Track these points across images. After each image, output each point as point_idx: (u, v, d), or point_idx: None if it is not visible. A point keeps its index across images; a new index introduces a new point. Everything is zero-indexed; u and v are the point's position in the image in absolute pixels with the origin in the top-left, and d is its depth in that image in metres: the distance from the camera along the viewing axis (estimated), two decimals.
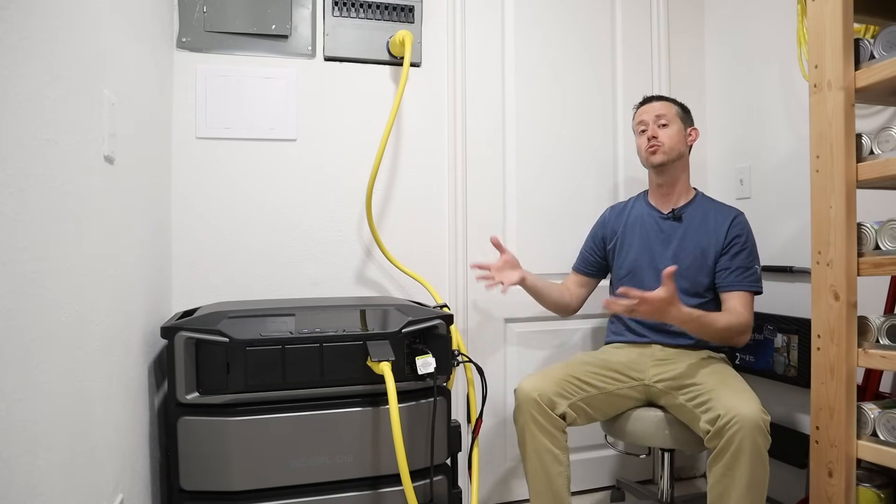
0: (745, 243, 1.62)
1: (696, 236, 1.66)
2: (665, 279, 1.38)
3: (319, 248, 1.85)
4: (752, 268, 1.61)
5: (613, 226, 1.81)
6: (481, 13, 2.02)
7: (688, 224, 1.68)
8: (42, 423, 0.77)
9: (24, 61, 0.72)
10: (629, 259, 1.73)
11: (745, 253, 1.61)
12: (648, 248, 1.71)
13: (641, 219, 1.75)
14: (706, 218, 1.67)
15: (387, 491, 1.37)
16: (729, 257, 1.61)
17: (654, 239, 1.71)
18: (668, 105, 1.72)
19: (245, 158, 1.79)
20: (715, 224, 1.65)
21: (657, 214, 1.73)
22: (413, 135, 1.95)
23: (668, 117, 1.69)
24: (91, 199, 0.97)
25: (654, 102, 1.74)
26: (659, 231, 1.71)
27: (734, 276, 1.59)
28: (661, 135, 1.68)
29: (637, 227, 1.75)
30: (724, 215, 1.66)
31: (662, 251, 1.68)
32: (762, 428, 1.27)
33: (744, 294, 1.58)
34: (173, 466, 1.28)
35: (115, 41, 1.11)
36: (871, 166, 1.22)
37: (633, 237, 1.75)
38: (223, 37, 1.76)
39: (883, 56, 1.21)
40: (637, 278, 1.71)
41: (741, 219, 1.66)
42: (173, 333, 1.27)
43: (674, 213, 1.70)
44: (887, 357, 1.19)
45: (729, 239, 1.62)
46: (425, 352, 1.36)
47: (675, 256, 1.65)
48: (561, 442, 1.46)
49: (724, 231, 1.63)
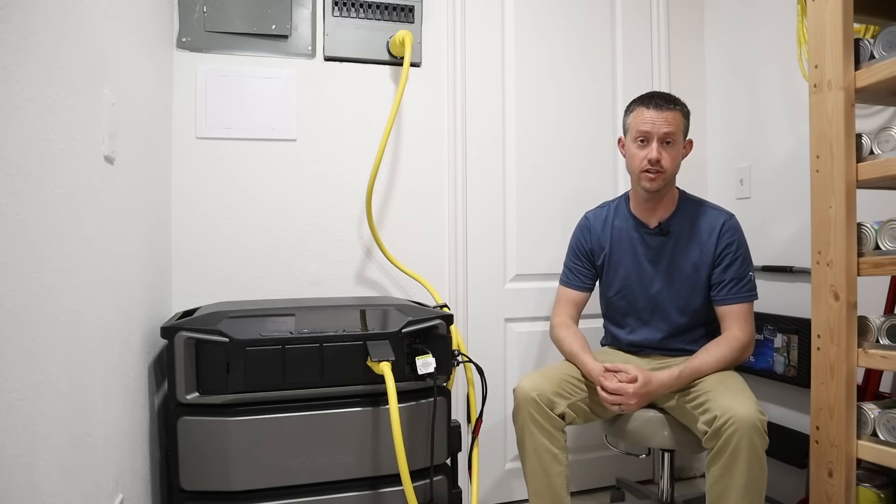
0: (738, 251, 1.55)
1: (686, 251, 1.58)
2: (629, 375, 1.43)
3: (319, 248, 1.85)
4: (746, 276, 1.54)
5: (600, 239, 1.69)
6: (481, 13, 2.02)
7: (676, 238, 1.59)
8: (42, 423, 0.77)
9: (24, 61, 0.72)
10: (618, 278, 1.66)
11: (738, 262, 1.54)
12: (638, 266, 1.63)
13: (628, 233, 1.65)
14: (694, 227, 1.58)
15: (387, 491, 1.37)
16: (722, 269, 1.55)
17: (643, 256, 1.62)
18: (678, 116, 1.53)
19: (245, 158, 1.79)
20: (705, 234, 1.57)
21: (643, 229, 1.63)
22: (413, 135, 1.95)
23: (676, 135, 1.52)
24: (91, 199, 0.97)
25: (665, 111, 1.51)
26: (647, 248, 1.62)
27: (729, 289, 1.54)
28: (664, 159, 1.51)
29: (624, 242, 1.65)
30: (712, 221, 1.57)
31: (654, 270, 1.61)
32: (759, 428, 1.27)
33: (741, 306, 1.53)
34: (173, 466, 1.28)
35: (115, 41, 1.11)
36: (871, 166, 1.22)
37: (621, 254, 1.65)
38: (223, 37, 1.76)
39: (883, 56, 1.21)
40: (628, 298, 1.65)
41: (731, 223, 1.57)
42: (173, 333, 1.27)
43: (661, 228, 1.60)
44: (887, 357, 1.19)
45: (720, 249, 1.55)
46: (425, 352, 1.36)
47: (666, 274, 1.60)
48: (560, 441, 1.46)
49: (714, 241, 1.55)
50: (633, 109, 1.58)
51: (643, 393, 1.43)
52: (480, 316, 2.01)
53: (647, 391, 1.43)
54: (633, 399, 1.42)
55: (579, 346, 1.58)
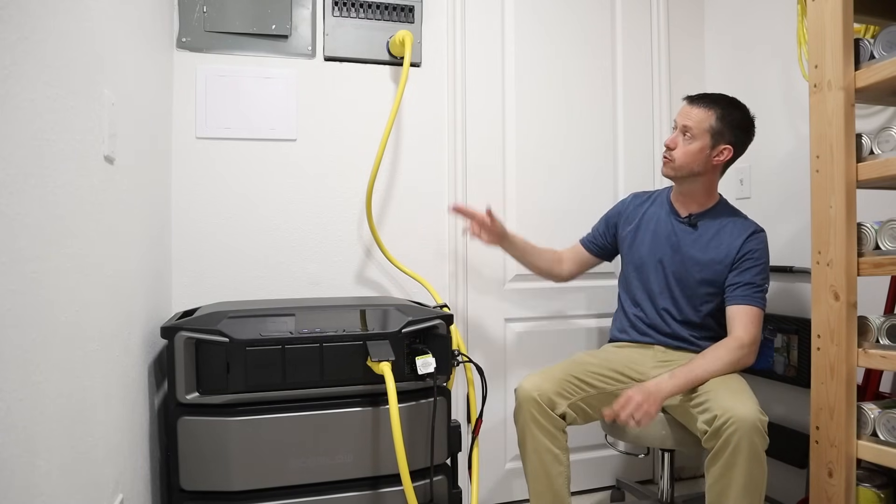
0: (759, 260, 1.54)
1: (707, 246, 1.59)
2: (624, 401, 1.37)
3: (319, 248, 1.85)
4: (763, 286, 1.53)
5: (630, 215, 1.75)
6: (481, 13, 2.02)
7: (701, 233, 1.62)
8: (42, 423, 0.77)
9: (24, 61, 0.72)
10: (639, 254, 1.70)
11: (757, 269, 1.53)
12: (659, 247, 1.67)
13: (658, 216, 1.70)
14: (721, 230, 1.60)
15: (387, 491, 1.37)
16: (739, 272, 1.54)
17: (666, 240, 1.66)
18: (708, 115, 1.56)
19: (245, 158, 1.79)
20: (729, 238, 1.58)
21: (675, 216, 1.67)
22: (413, 135, 1.95)
23: (696, 132, 1.56)
24: (91, 199, 0.97)
25: (695, 107, 1.58)
26: (672, 233, 1.65)
27: (741, 291, 1.53)
28: (677, 149, 1.59)
29: (653, 223, 1.70)
30: (741, 228, 1.58)
31: (672, 254, 1.64)
32: (759, 428, 1.27)
33: (749, 308, 1.50)
34: (173, 466, 1.28)
35: (115, 41, 1.11)
36: (871, 166, 1.22)
37: (647, 233, 1.70)
38: (223, 37, 1.76)
39: (883, 56, 1.21)
40: (643, 276, 1.69)
41: (760, 235, 1.57)
42: (173, 333, 1.27)
43: (690, 219, 1.64)
44: (887, 357, 1.19)
45: (742, 253, 1.54)
46: (425, 352, 1.36)
47: (682, 264, 1.62)
48: (561, 442, 1.46)
49: (739, 245, 1.55)
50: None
51: (646, 391, 1.37)
52: (480, 316, 2.01)
53: (648, 389, 1.37)
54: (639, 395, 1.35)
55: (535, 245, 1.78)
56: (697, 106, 1.59)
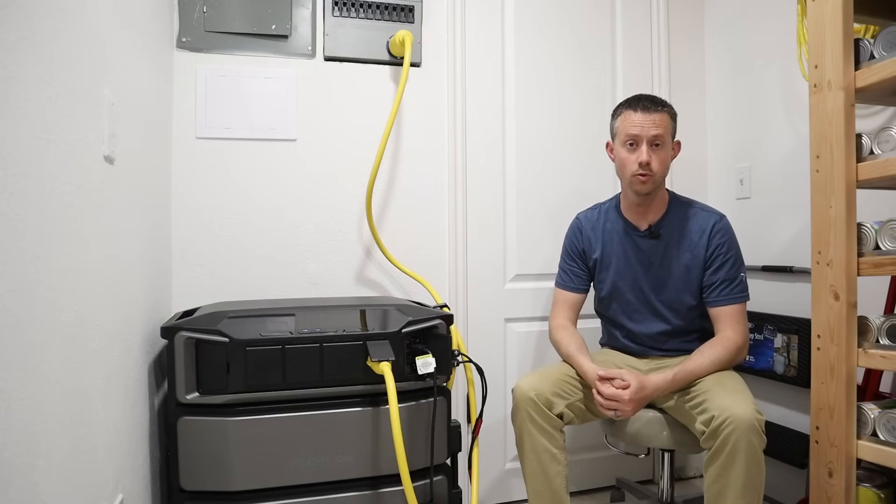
0: (728, 252, 1.54)
1: (677, 253, 1.58)
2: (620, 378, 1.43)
3: (319, 248, 1.85)
4: (738, 277, 1.54)
5: (591, 240, 1.69)
6: (481, 13, 2.02)
7: (667, 240, 1.59)
8: (42, 423, 0.77)
9: (23, 61, 0.72)
10: (609, 280, 1.66)
11: (730, 263, 1.54)
12: (630, 269, 1.62)
13: (619, 235, 1.65)
14: (685, 229, 1.58)
15: (387, 491, 1.37)
16: (713, 271, 1.54)
17: (634, 259, 1.62)
18: (666, 118, 1.53)
19: (245, 158, 1.79)
20: (695, 236, 1.56)
21: (634, 232, 1.62)
22: (413, 135, 1.95)
23: (664, 137, 1.52)
24: (91, 198, 0.97)
25: (653, 113, 1.51)
26: (638, 250, 1.62)
27: (720, 291, 1.53)
28: (654, 162, 1.51)
29: (615, 244, 1.65)
30: (702, 223, 1.57)
31: (645, 273, 1.61)
32: (757, 428, 1.27)
33: (733, 307, 1.52)
34: (173, 466, 1.28)
35: (115, 41, 1.11)
36: (871, 166, 1.22)
37: (612, 256, 1.65)
38: (223, 37, 1.76)
39: (883, 56, 1.21)
40: (619, 300, 1.65)
41: (721, 224, 1.56)
42: (173, 333, 1.27)
43: (651, 231, 1.60)
44: (887, 357, 1.19)
45: (711, 250, 1.54)
46: (425, 352, 1.36)
47: (658, 277, 1.60)
48: (559, 441, 1.46)
49: (706, 243, 1.55)
50: (621, 113, 1.57)
51: (638, 399, 1.42)
52: (480, 316, 2.01)
53: (643, 396, 1.43)
54: (629, 405, 1.42)
55: (576, 347, 1.58)
56: (656, 112, 1.52)
